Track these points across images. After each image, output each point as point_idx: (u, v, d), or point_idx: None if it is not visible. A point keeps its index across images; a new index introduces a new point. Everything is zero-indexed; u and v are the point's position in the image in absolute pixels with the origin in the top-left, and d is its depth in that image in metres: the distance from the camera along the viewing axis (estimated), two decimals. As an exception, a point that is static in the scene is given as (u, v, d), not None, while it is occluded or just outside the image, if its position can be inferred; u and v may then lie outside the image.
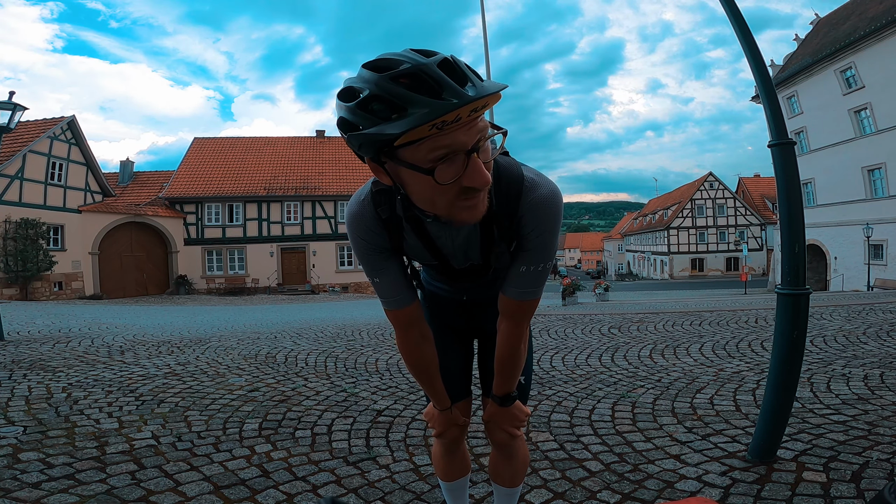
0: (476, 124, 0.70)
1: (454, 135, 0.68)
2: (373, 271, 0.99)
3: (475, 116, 0.68)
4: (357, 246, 0.97)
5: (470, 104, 0.65)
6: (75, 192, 18.26)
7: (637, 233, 50.89)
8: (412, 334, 1.08)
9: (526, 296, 0.99)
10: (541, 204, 0.89)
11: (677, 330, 5.25)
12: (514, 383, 1.13)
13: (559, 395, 2.97)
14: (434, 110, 0.64)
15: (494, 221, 0.91)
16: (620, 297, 16.29)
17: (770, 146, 1.92)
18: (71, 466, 1.96)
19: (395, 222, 0.92)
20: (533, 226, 0.90)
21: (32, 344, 5.00)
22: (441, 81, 0.66)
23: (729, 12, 1.95)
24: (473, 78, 0.69)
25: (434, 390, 1.16)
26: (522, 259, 0.95)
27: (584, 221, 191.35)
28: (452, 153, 0.70)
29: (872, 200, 18.07)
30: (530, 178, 0.90)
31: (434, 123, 0.65)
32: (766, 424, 1.91)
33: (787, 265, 1.85)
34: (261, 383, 3.40)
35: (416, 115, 0.65)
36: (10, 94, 5.85)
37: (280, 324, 7.60)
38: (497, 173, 0.89)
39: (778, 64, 23.31)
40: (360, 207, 0.93)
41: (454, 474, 1.37)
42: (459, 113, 0.65)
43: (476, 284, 1.14)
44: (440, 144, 0.68)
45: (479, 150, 0.71)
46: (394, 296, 1.02)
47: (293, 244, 23.44)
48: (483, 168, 0.71)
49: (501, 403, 1.15)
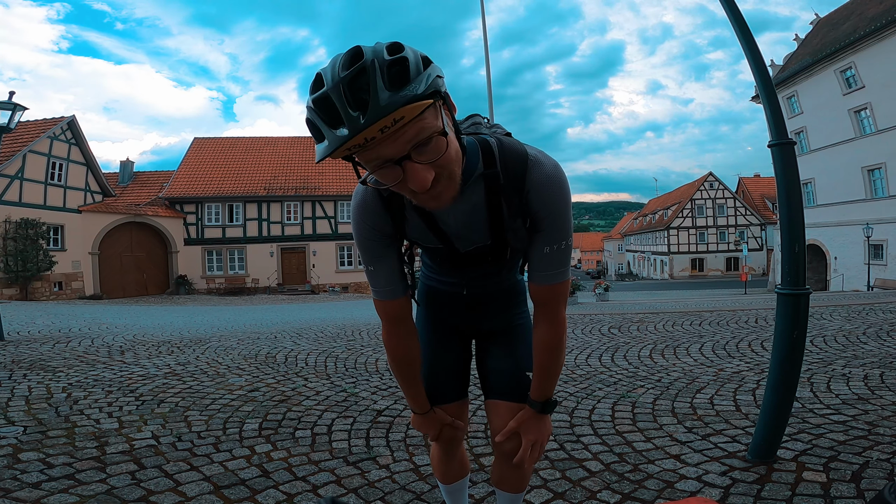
0: (402, 135, 0.70)
1: (377, 150, 0.71)
2: (371, 259, 1.00)
3: (392, 132, 0.68)
4: (360, 231, 0.98)
5: (364, 131, 0.66)
6: (75, 192, 18.26)
7: (637, 233, 50.90)
8: (400, 329, 1.08)
9: (556, 278, 0.98)
10: (546, 180, 0.90)
11: (677, 330, 5.25)
12: (553, 386, 1.09)
13: (559, 395, 2.97)
14: (331, 144, 0.69)
15: (503, 195, 0.92)
16: (620, 297, 16.30)
17: (770, 146, 1.92)
18: (71, 466, 1.96)
19: (397, 202, 0.94)
20: (541, 203, 0.91)
21: (32, 344, 5.00)
22: (340, 111, 0.67)
23: (729, 12, 1.95)
24: (378, 94, 0.65)
25: (416, 391, 1.15)
26: (541, 240, 0.95)
27: (584, 221, 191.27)
28: (385, 162, 0.73)
29: (872, 200, 18.07)
30: (534, 156, 0.92)
31: (349, 149, 0.69)
32: (766, 424, 1.91)
33: (787, 265, 1.85)
34: (261, 383, 3.40)
35: (324, 146, 0.70)
36: (10, 94, 5.85)
37: (280, 324, 7.60)
38: (501, 152, 0.91)
39: (778, 64, 23.31)
40: (364, 194, 0.95)
41: (452, 476, 1.35)
42: (365, 136, 0.67)
43: (479, 274, 1.13)
44: (369, 158, 0.72)
45: (411, 156, 0.72)
46: (388, 286, 1.02)
47: (293, 244, 23.43)
48: (419, 173, 0.73)
49: (542, 410, 1.08)
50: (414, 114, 0.68)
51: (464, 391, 1.28)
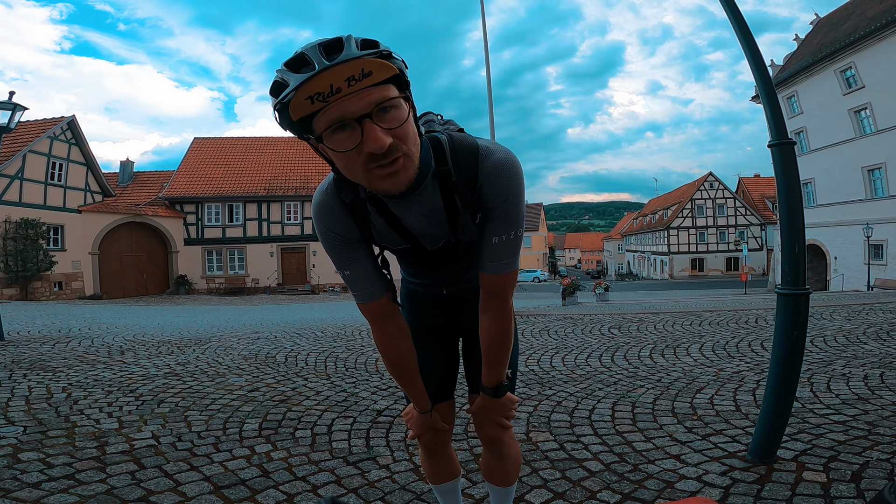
0: (367, 94, 0.73)
1: (340, 105, 0.72)
2: (342, 263, 0.99)
3: (359, 86, 0.71)
4: (325, 238, 0.98)
5: (333, 70, 0.69)
6: (75, 192, 18.27)
7: (637, 233, 50.89)
8: (389, 328, 1.07)
9: (504, 268, 0.98)
10: (498, 168, 0.90)
11: (677, 330, 5.25)
12: (503, 371, 1.11)
13: (559, 395, 2.97)
14: (295, 80, 0.71)
15: (456, 192, 0.92)
16: (620, 297, 16.29)
17: (770, 146, 1.92)
18: (71, 466, 1.96)
19: (359, 206, 0.93)
20: (495, 193, 0.91)
21: (32, 344, 5.00)
22: (312, 58, 0.71)
23: (729, 13, 1.95)
24: (350, 47, 0.71)
25: (415, 390, 1.15)
26: (492, 230, 0.95)
27: (584, 221, 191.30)
28: (347, 123, 0.73)
29: (872, 200, 18.07)
30: (485, 147, 0.92)
31: (310, 96, 0.70)
32: (766, 424, 1.91)
33: (787, 265, 1.85)
34: (261, 383, 3.40)
35: (286, 90, 0.72)
36: (10, 94, 5.85)
37: (280, 324, 7.60)
38: (452, 147, 0.91)
39: (778, 64, 23.31)
40: (324, 196, 0.94)
41: (440, 477, 1.35)
42: (332, 82, 0.70)
43: (454, 271, 1.13)
44: (331, 116, 0.73)
45: (373, 117, 0.74)
46: (365, 288, 1.02)
47: (293, 244, 23.44)
48: (377, 133, 0.74)
49: (494, 395, 1.12)
50: (381, 72, 0.73)
51: (450, 392, 1.30)
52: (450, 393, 1.30)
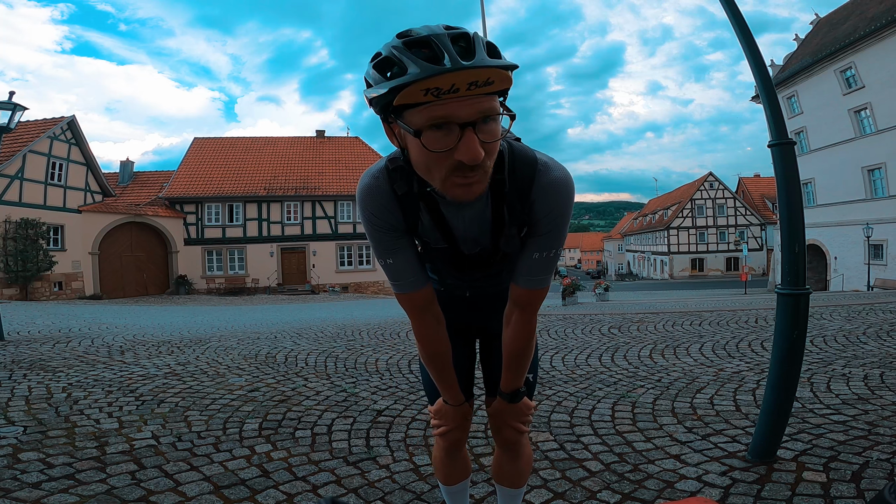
0: (479, 102, 0.70)
1: (451, 106, 0.70)
2: (384, 252, 0.96)
3: (476, 92, 0.69)
4: (368, 222, 0.94)
5: (464, 73, 0.66)
6: (75, 192, 18.26)
7: (637, 233, 50.89)
8: (428, 319, 1.05)
9: (538, 284, 0.98)
10: (553, 186, 0.89)
11: (677, 330, 5.25)
12: (522, 379, 1.11)
13: (559, 395, 2.97)
14: (423, 71, 0.67)
15: (506, 202, 0.90)
16: (620, 297, 16.29)
17: (770, 146, 1.92)
18: (71, 466, 1.96)
19: (411, 200, 0.91)
20: (546, 210, 0.90)
21: (32, 344, 5.00)
22: (445, 49, 0.68)
23: (729, 13, 1.95)
24: (480, 51, 0.69)
25: (450, 382, 1.13)
26: (534, 245, 0.94)
27: (584, 221, 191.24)
28: (447, 124, 0.71)
29: (872, 200, 18.07)
30: (543, 162, 0.90)
31: (428, 89, 0.67)
32: (766, 424, 1.91)
33: (787, 265, 1.85)
34: (261, 383, 3.40)
35: (407, 76, 0.68)
36: (10, 94, 5.85)
37: (280, 324, 7.60)
38: (511, 157, 0.89)
39: (778, 64, 23.31)
40: (374, 181, 0.90)
41: (455, 478, 1.35)
42: (454, 82, 0.67)
43: (481, 276, 1.12)
44: (436, 114, 0.70)
45: (476, 126, 0.71)
46: (408, 277, 0.98)
47: (293, 244, 23.43)
48: (476, 144, 0.72)
49: (511, 400, 1.12)
50: (500, 83, 0.70)
51: (469, 392, 1.29)
52: (470, 392, 1.29)
